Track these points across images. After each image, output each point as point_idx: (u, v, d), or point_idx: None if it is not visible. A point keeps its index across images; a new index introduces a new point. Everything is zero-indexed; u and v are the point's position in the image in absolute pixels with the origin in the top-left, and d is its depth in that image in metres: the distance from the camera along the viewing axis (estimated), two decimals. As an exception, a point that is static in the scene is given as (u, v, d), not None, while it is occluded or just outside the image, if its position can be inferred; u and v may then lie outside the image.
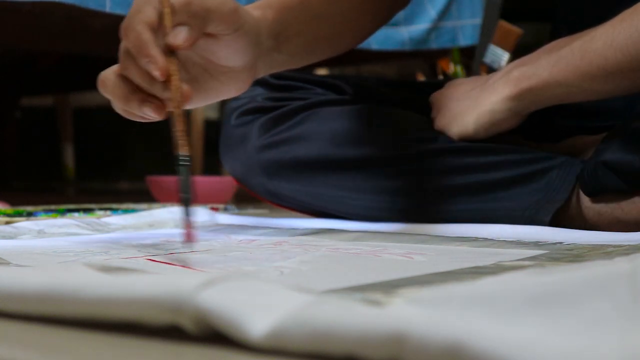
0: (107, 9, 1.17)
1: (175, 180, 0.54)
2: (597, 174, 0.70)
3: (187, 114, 2.73)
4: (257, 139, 0.88)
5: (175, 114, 0.57)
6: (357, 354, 0.26)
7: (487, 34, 1.42)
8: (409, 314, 0.26)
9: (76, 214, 0.96)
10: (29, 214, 0.94)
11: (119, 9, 1.18)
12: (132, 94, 0.58)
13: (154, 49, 0.55)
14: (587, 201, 0.72)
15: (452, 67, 1.44)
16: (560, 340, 0.24)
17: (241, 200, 1.48)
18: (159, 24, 0.57)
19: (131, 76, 0.58)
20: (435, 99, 0.84)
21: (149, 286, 0.30)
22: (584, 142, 0.82)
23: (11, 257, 0.53)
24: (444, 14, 1.59)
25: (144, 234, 0.75)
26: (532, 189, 0.74)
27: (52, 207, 1.05)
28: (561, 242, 0.62)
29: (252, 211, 1.12)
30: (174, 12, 0.57)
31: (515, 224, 0.71)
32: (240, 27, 0.61)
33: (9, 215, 0.91)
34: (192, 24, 0.57)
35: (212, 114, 2.78)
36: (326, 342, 0.26)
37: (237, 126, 0.90)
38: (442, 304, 0.30)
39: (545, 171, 0.75)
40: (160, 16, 0.57)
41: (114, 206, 1.11)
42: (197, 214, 0.49)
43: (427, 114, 0.86)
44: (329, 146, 0.84)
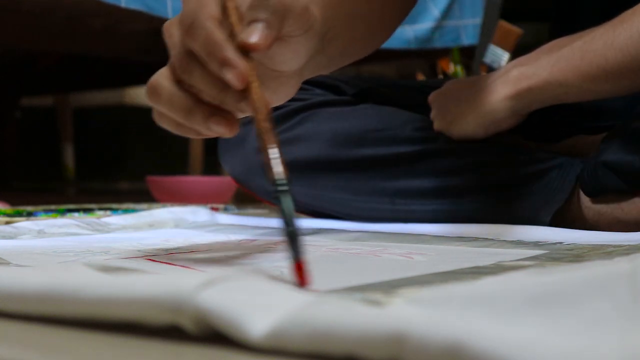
0: (122, 4, 1.17)
1: (174, 180, 0.54)
2: (598, 174, 0.70)
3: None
4: (256, 139, 0.88)
5: (262, 128, 0.47)
6: (357, 354, 0.26)
7: (487, 34, 1.42)
8: (409, 314, 0.26)
9: (76, 214, 0.96)
10: (29, 214, 0.94)
11: (133, 4, 1.18)
12: (196, 106, 0.49)
13: (230, 50, 0.46)
14: (587, 201, 0.72)
15: (452, 67, 1.44)
16: (560, 340, 0.24)
17: (241, 200, 1.48)
18: (222, 22, 0.48)
19: (195, 83, 0.48)
20: (434, 99, 0.84)
21: (149, 286, 0.30)
22: (584, 142, 0.82)
23: (11, 257, 0.53)
24: (447, 13, 1.59)
25: (144, 234, 0.75)
26: (532, 189, 0.74)
27: (52, 207, 1.05)
28: (561, 242, 0.62)
29: (252, 211, 1.12)
30: (239, 7, 0.49)
31: (515, 224, 0.71)
32: (311, 26, 0.52)
33: (9, 215, 0.91)
34: (272, 22, 0.48)
35: (212, 114, 2.78)
36: (326, 342, 0.26)
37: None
38: (442, 304, 0.30)
39: (545, 171, 0.75)
40: (224, 12, 0.48)
41: (114, 206, 1.11)
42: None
43: (427, 114, 0.86)
44: (328, 147, 0.84)
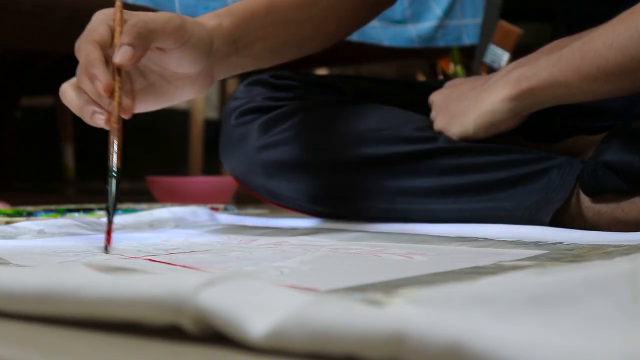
0: (130, 0, 1.17)
1: (174, 180, 0.56)
2: (597, 174, 0.70)
3: (187, 113, 2.70)
4: (256, 139, 0.88)
5: (112, 128, 0.63)
6: (357, 354, 0.26)
7: (487, 34, 1.42)
8: (409, 314, 0.26)
9: (76, 214, 0.96)
10: (29, 214, 0.94)
11: (141, 1, 1.18)
12: (86, 105, 0.64)
13: (99, 68, 0.61)
14: (587, 201, 0.72)
15: (452, 67, 1.44)
16: (560, 340, 0.24)
17: (241, 200, 1.48)
18: (111, 42, 0.64)
19: (85, 89, 0.63)
20: (434, 99, 0.84)
21: (149, 286, 0.30)
22: (584, 142, 0.82)
23: (11, 257, 0.53)
24: (449, 13, 1.60)
25: (144, 234, 0.75)
26: (532, 189, 0.74)
27: (52, 207, 1.05)
28: (561, 242, 0.62)
29: (252, 211, 1.12)
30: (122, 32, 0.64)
31: (515, 224, 0.71)
32: (186, 40, 0.67)
33: (9, 215, 0.91)
34: (135, 45, 0.63)
35: (212, 114, 2.78)
36: (326, 342, 0.26)
37: (237, 126, 0.90)
38: (442, 304, 0.30)
39: (545, 171, 0.75)
40: (113, 34, 0.64)
41: (114, 206, 1.11)
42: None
43: (427, 114, 0.86)
44: (328, 147, 0.84)
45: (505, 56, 1.27)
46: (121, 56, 0.62)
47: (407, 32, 1.56)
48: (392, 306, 0.29)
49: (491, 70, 1.28)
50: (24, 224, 0.75)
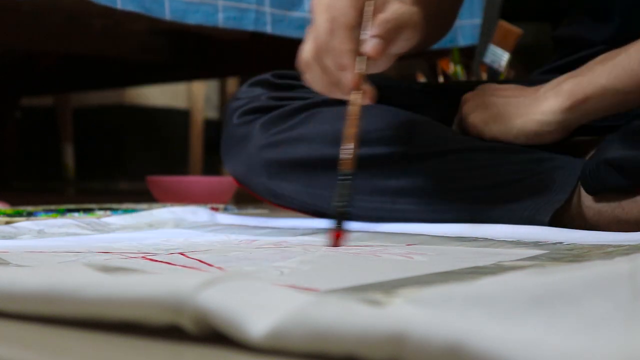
0: (118, 5, 1.17)
1: (174, 180, 0.56)
2: (599, 172, 0.70)
3: (187, 113, 2.70)
4: (258, 139, 0.88)
5: (353, 117, 0.65)
6: (357, 354, 0.26)
7: (487, 34, 1.42)
8: (409, 314, 0.26)
9: (76, 214, 0.96)
10: (29, 214, 0.94)
11: (130, 6, 1.18)
12: (331, 86, 0.68)
13: (350, 60, 0.65)
14: (587, 200, 0.72)
15: (452, 67, 1.44)
16: (560, 340, 0.24)
17: (241, 200, 1.48)
18: (358, 23, 0.66)
19: (325, 63, 0.66)
20: (473, 95, 0.83)
21: (149, 286, 0.30)
22: (584, 142, 0.82)
23: (11, 257, 0.53)
24: (444, 14, 1.59)
25: (144, 234, 0.75)
26: (533, 189, 0.74)
27: (52, 207, 1.05)
28: (561, 242, 0.62)
29: (252, 211, 1.12)
30: (372, 15, 0.66)
31: (515, 224, 0.71)
32: (417, 36, 0.70)
33: (9, 215, 0.91)
34: (386, 38, 0.66)
35: (212, 114, 2.78)
36: (326, 342, 0.26)
37: (239, 126, 0.90)
38: (442, 304, 0.30)
39: (546, 171, 0.75)
40: (359, 13, 0.66)
41: (114, 206, 1.11)
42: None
43: (427, 114, 0.86)
44: (330, 146, 0.84)
45: (505, 56, 1.27)
46: (373, 49, 0.65)
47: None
48: (392, 306, 0.29)
49: (491, 70, 1.28)
50: (24, 224, 0.75)
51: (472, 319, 0.27)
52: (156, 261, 0.53)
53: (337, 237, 0.62)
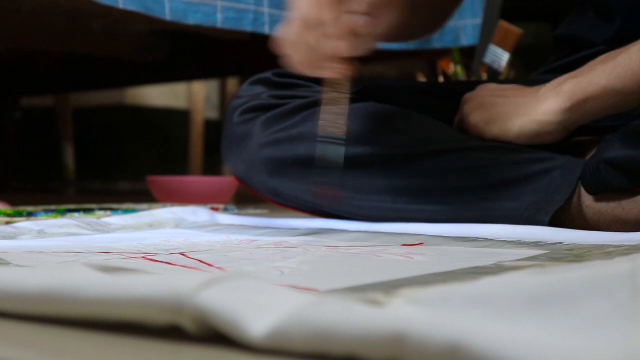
0: (119, 5, 1.17)
1: (174, 180, 0.55)
2: (600, 171, 0.70)
3: (187, 113, 2.70)
4: (259, 137, 0.87)
5: (342, 84, 0.67)
6: (357, 354, 0.26)
7: (487, 34, 1.42)
8: (409, 314, 0.26)
9: (76, 214, 0.96)
10: (29, 214, 0.94)
11: (131, 6, 1.18)
12: (321, 60, 0.67)
13: (341, 29, 0.64)
14: (587, 200, 0.72)
15: (452, 67, 1.44)
16: (560, 340, 0.24)
17: (241, 200, 1.48)
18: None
19: (312, 38, 0.66)
20: (471, 95, 0.83)
21: (149, 286, 0.30)
22: (584, 142, 0.82)
23: (11, 257, 0.53)
24: (447, 14, 1.59)
25: (144, 234, 0.75)
26: (533, 189, 0.74)
27: (52, 207, 1.05)
28: (561, 242, 0.62)
29: (252, 211, 1.12)
30: None
31: (515, 224, 0.71)
32: (401, 14, 0.69)
33: (9, 215, 0.91)
34: (370, 14, 0.65)
35: (212, 114, 2.79)
36: (326, 342, 0.26)
37: (239, 124, 0.90)
38: (442, 304, 0.30)
39: (546, 171, 0.75)
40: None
41: (114, 206, 1.11)
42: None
43: (427, 114, 0.86)
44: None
45: (505, 56, 1.27)
46: (359, 24, 0.65)
47: (402, 33, 1.56)
48: (392, 306, 0.29)
49: (491, 70, 1.28)
50: (24, 224, 0.75)
51: (472, 319, 0.27)
52: (156, 261, 0.53)
53: (330, 194, 0.62)
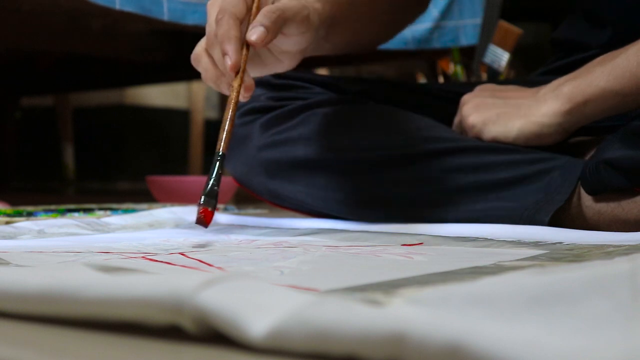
0: (117, 6, 1.17)
1: (174, 180, 0.56)
2: (599, 172, 0.70)
3: (187, 113, 2.70)
4: (258, 139, 0.88)
5: (231, 102, 0.67)
6: (357, 354, 0.26)
7: (487, 34, 1.42)
8: (409, 314, 0.26)
9: (76, 214, 0.96)
10: (29, 214, 0.94)
11: (128, 7, 1.18)
12: (222, 77, 0.69)
13: (233, 45, 0.65)
14: (587, 200, 0.72)
15: (452, 67, 1.44)
16: (560, 340, 0.24)
17: (241, 200, 1.48)
18: (246, 16, 0.68)
19: (213, 55, 0.68)
20: (472, 96, 0.83)
21: (149, 286, 0.30)
22: (584, 142, 0.82)
23: (11, 257, 0.53)
24: (446, 14, 1.59)
25: (144, 234, 0.75)
26: (533, 189, 0.74)
27: (52, 207, 1.05)
28: (561, 242, 0.62)
29: (252, 211, 1.12)
30: (258, 11, 0.68)
31: (515, 224, 0.71)
32: (308, 29, 0.71)
33: (9, 215, 0.91)
34: (270, 29, 0.67)
35: (212, 114, 2.78)
36: (326, 342, 0.26)
37: (239, 126, 0.90)
38: (442, 304, 0.30)
39: (546, 171, 0.75)
40: (248, 9, 0.68)
41: (114, 206, 1.11)
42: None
43: (427, 115, 0.86)
44: (329, 146, 0.84)
45: (505, 56, 1.27)
46: (256, 36, 0.66)
47: (402, 34, 1.55)
48: (392, 306, 0.29)
49: (491, 70, 1.28)
50: (24, 224, 0.75)
51: (472, 319, 0.27)
52: (156, 261, 0.53)
53: (206, 215, 0.64)
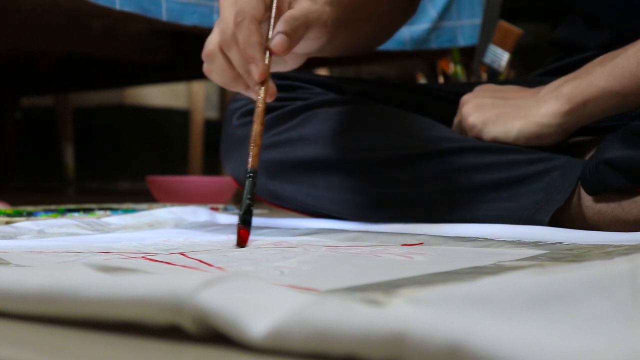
0: (116, 6, 1.17)
1: (174, 180, 0.56)
2: (599, 172, 0.70)
3: (187, 113, 2.70)
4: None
5: (259, 115, 0.65)
6: (357, 354, 0.26)
7: (487, 34, 1.42)
8: (409, 314, 0.26)
9: (76, 214, 0.96)
10: (29, 214, 0.94)
11: (128, 7, 1.18)
12: (237, 80, 0.67)
13: (258, 53, 0.64)
14: (587, 200, 0.72)
15: (452, 67, 1.44)
16: (560, 340, 0.24)
17: (241, 200, 1.48)
18: (264, 18, 0.66)
19: (230, 56, 0.66)
20: (472, 96, 0.83)
21: (149, 286, 0.30)
22: (584, 142, 0.82)
23: (11, 257, 0.53)
24: (444, 14, 1.59)
25: (144, 234, 0.75)
26: (533, 189, 0.74)
27: (52, 207, 1.05)
28: (561, 242, 0.62)
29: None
30: (278, 16, 0.66)
31: (515, 224, 0.71)
32: (324, 35, 0.71)
33: (9, 215, 0.91)
34: (292, 36, 0.65)
35: (212, 114, 2.79)
36: (326, 342, 0.26)
37: (239, 127, 0.90)
38: (442, 304, 0.30)
39: (546, 171, 0.75)
40: (267, 9, 0.66)
41: (114, 206, 1.11)
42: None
43: (427, 115, 0.86)
44: (329, 147, 0.84)
45: (505, 56, 1.27)
46: (279, 45, 0.65)
47: (400, 35, 1.56)
48: (392, 306, 0.29)
49: (491, 70, 1.28)
50: (24, 224, 0.75)
51: (472, 319, 0.27)
52: (156, 261, 0.53)
53: (244, 235, 0.62)
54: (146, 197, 1.44)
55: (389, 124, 0.84)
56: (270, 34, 0.66)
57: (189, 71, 1.99)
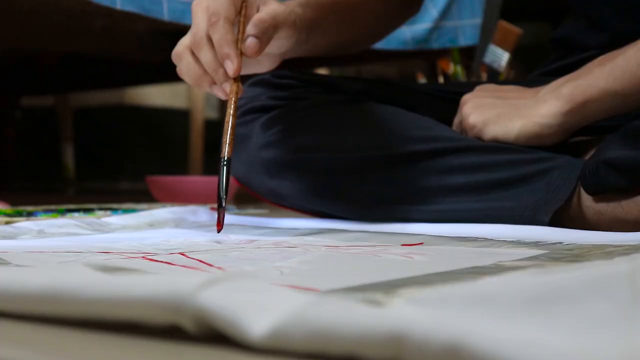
0: (117, 6, 1.17)
1: (174, 180, 0.56)
2: (599, 172, 0.70)
3: (187, 113, 2.70)
4: (259, 138, 0.88)
5: (231, 107, 0.68)
6: (358, 354, 0.26)
7: (487, 34, 1.42)
8: (409, 314, 0.26)
9: (76, 214, 0.96)
10: (29, 214, 0.94)
11: (129, 7, 1.18)
12: (204, 76, 0.69)
13: (233, 50, 0.67)
14: (587, 200, 0.72)
15: (452, 67, 1.44)
16: (560, 340, 0.24)
17: (241, 200, 1.48)
18: (235, 19, 0.69)
19: (201, 57, 0.68)
20: (472, 96, 0.83)
21: (149, 286, 0.30)
22: (584, 142, 0.82)
23: (11, 257, 0.53)
24: (445, 14, 1.59)
25: (144, 234, 0.75)
26: (533, 189, 0.74)
27: (52, 207, 1.05)
28: (561, 242, 0.62)
29: (252, 211, 1.12)
30: (248, 21, 0.69)
31: (515, 224, 0.71)
32: (293, 35, 0.73)
33: (9, 215, 0.91)
34: (262, 38, 0.69)
35: (212, 114, 2.78)
36: (326, 342, 0.26)
37: (239, 125, 0.90)
38: (442, 304, 0.30)
39: (546, 171, 0.75)
40: (237, 12, 0.69)
41: (114, 206, 1.11)
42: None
43: (427, 115, 0.86)
44: (330, 146, 0.84)
45: (505, 56, 1.27)
46: (250, 47, 0.68)
47: (401, 34, 1.56)
48: (392, 306, 0.29)
49: (491, 70, 1.28)
50: (24, 224, 0.75)
51: (472, 319, 0.27)
52: (156, 261, 0.53)
53: (219, 223, 0.66)
54: (146, 197, 1.44)
55: (389, 124, 0.84)
56: (240, 36, 0.69)
57: (189, 71, 1.99)
